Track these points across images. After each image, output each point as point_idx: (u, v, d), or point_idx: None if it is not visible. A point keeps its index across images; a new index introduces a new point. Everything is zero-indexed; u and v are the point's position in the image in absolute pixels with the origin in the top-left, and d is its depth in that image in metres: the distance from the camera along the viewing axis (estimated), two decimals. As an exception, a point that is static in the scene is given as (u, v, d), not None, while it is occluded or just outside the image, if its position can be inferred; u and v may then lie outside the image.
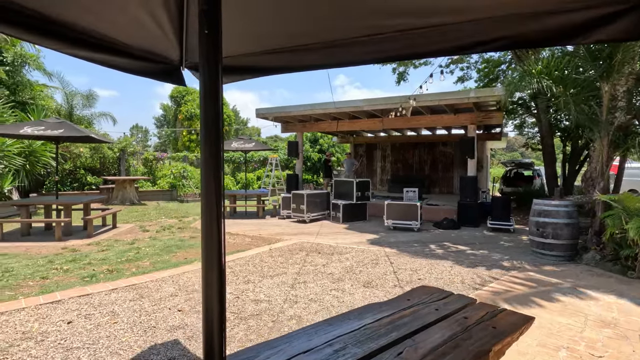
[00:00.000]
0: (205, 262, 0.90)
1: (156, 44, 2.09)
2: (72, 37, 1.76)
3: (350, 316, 1.57)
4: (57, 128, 6.80)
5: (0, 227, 6.58)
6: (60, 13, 1.65)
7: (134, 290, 3.88)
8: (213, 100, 0.89)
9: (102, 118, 16.08)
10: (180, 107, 20.53)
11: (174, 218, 9.46)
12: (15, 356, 2.55)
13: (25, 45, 12.14)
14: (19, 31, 1.58)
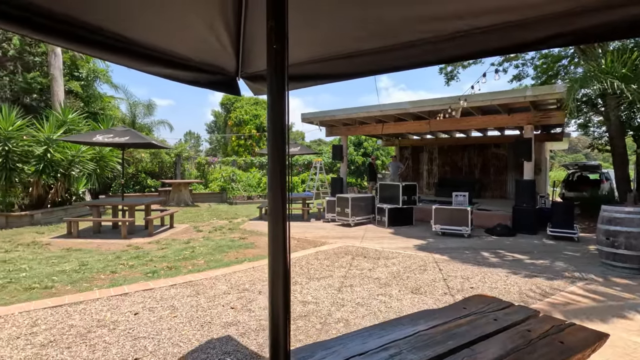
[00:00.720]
0: (271, 260, 0.95)
1: (216, 57, 2.24)
2: (145, 55, 1.94)
3: (403, 322, 1.55)
4: (123, 135, 7.48)
5: (77, 225, 7.35)
6: (139, 34, 1.82)
7: (190, 286, 4.13)
8: (280, 108, 0.94)
9: (160, 125, 17.38)
10: (230, 114, 21.51)
11: (224, 219, 9.92)
12: (93, 341, 2.83)
13: (97, 62, 13.49)
14: (96, 51, 1.77)
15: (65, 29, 1.55)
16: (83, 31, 1.63)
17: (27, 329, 3.04)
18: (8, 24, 1.51)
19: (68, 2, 1.48)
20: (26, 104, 11.19)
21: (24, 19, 1.43)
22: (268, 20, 0.91)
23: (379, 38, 1.47)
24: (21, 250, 5.94)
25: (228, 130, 22.47)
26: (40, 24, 1.49)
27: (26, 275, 4.52)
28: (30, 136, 8.78)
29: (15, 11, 1.38)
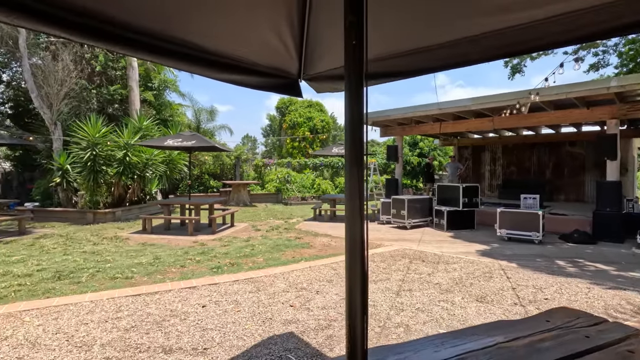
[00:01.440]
0: (349, 260, 0.94)
1: (280, 60, 2.30)
2: (217, 63, 2.05)
3: (477, 331, 1.45)
4: (190, 140, 8.05)
5: (150, 222, 8.06)
6: (212, 43, 1.94)
7: (252, 283, 4.30)
8: (358, 106, 0.93)
9: (221, 130, 18.45)
10: (285, 117, 22.15)
11: (280, 219, 10.22)
12: (167, 329, 3.07)
13: (167, 73, 14.73)
14: (174, 61, 1.90)
15: (147, 42, 1.70)
16: (163, 43, 1.77)
17: (113, 313, 3.39)
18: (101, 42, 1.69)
19: (149, 17, 1.62)
20: (109, 113, 12.57)
21: (115, 36, 1.59)
22: (346, 16, 0.90)
23: (455, 30, 1.39)
24: (106, 244, 6.66)
25: (283, 133, 23.14)
26: (128, 39, 1.64)
27: (111, 266, 5.06)
28: (113, 142, 9.83)
29: (108, 27, 1.55)
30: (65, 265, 5.04)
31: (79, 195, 9.89)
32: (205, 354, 2.67)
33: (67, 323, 3.18)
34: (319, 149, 20.63)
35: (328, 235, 7.62)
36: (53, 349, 2.73)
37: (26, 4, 1.13)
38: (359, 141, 0.90)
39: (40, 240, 6.89)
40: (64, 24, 1.41)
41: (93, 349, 2.73)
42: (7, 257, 5.57)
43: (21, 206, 10.48)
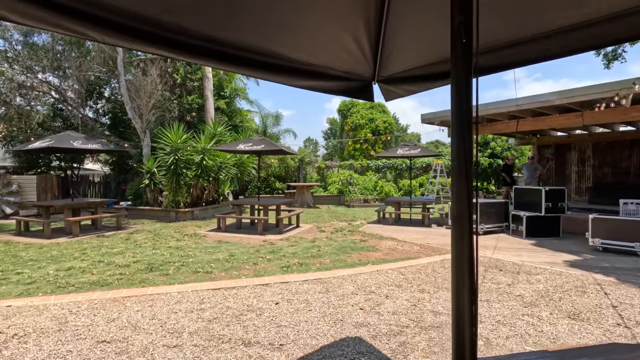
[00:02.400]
0: (455, 263, 0.91)
1: (354, 64, 2.31)
2: (293, 70, 2.13)
3: (586, 353, 1.29)
4: (260, 144, 8.48)
5: (224, 221, 8.66)
6: (289, 50, 2.02)
7: (320, 284, 4.38)
8: (466, 104, 0.90)
9: (286, 134, 19.13)
10: (347, 119, 22.22)
11: (343, 221, 10.26)
12: (245, 323, 3.26)
13: (237, 81, 15.73)
14: (254, 70, 2.01)
15: (233, 53, 1.82)
16: (258, 56, 1.88)
17: (197, 305, 3.71)
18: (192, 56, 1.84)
19: (233, 27, 1.74)
20: (188, 120, 13.80)
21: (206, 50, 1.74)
22: (455, 15, 0.88)
23: (568, 15, 1.27)
24: (187, 240, 7.30)
25: (344, 135, 23.23)
26: (214, 51, 1.78)
27: (192, 260, 5.53)
28: (191, 147, 10.76)
29: (195, 42, 1.69)
30: (155, 259, 5.64)
31: (164, 195, 11.00)
32: (281, 350, 2.78)
33: (160, 310, 3.55)
34: (382, 151, 20.31)
35: (393, 239, 7.45)
36: (150, 333, 3.06)
37: (157, 32, 1.31)
38: (468, 145, 0.87)
39: (134, 235, 7.80)
40: (182, 48, 1.59)
41: (183, 336, 3.01)
42: (110, 249, 6.40)
43: (117, 205, 11.99)
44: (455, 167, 0.89)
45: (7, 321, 3.29)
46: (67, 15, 1.30)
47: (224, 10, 1.60)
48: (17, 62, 12.28)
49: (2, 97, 12.17)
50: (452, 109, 0.89)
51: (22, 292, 4.07)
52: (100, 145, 8.30)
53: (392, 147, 21.16)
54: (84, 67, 12.64)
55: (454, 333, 0.91)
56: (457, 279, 0.90)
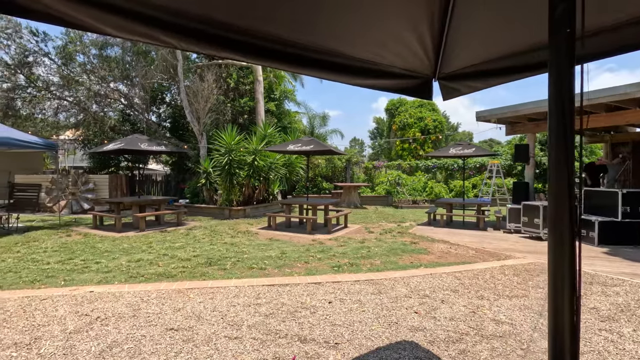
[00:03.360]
0: (553, 270, 0.86)
1: (415, 60, 2.26)
2: (354, 68, 2.13)
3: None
4: (309, 144, 8.61)
5: (274, 220, 8.91)
6: (350, 49, 2.02)
7: (372, 285, 4.34)
8: (568, 94, 0.84)
9: (333, 134, 19.22)
10: (394, 119, 21.79)
11: (392, 222, 10.07)
12: (299, 320, 3.33)
13: (286, 84, 16.11)
14: (315, 70, 2.03)
15: (298, 53, 1.87)
16: (310, 53, 1.92)
17: (254, 299, 3.86)
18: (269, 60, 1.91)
19: (298, 28, 1.78)
20: (240, 123, 14.42)
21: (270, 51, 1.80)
22: (553, 4, 0.82)
23: None
24: (240, 237, 7.63)
25: (392, 135, 22.80)
26: (292, 54, 1.83)
27: (247, 257, 5.77)
28: (244, 148, 11.22)
29: (261, 42, 1.75)
30: (213, 254, 5.96)
31: (218, 194, 11.60)
32: (336, 349, 2.80)
33: (220, 303, 3.74)
34: (432, 151, 19.64)
35: (446, 242, 7.17)
36: (212, 324, 3.25)
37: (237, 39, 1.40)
38: (569, 143, 0.81)
39: (193, 231, 8.31)
40: (247, 49, 1.66)
41: (242, 329, 3.15)
42: (172, 243, 6.89)
43: (177, 202, 12.86)
44: (553, 160, 0.83)
45: (91, 305, 3.67)
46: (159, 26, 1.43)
47: (289, 12, 1.65)
48: (93, 74, 13.67)
49: (81, 104, 13.62)
50: (550, 100, 0.83)
51: (101, 280, 4.52)
52: (163, 147, 8.96)
53: (442, 147, 20.38)
54: (149, 76, 13.72)
55: (551, 346, 0.85)
56: (554, 287, 0.84)
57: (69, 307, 3.60)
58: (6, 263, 5.33)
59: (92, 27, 1.35)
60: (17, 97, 12.75)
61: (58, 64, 13.30)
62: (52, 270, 4.93)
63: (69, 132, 15.37)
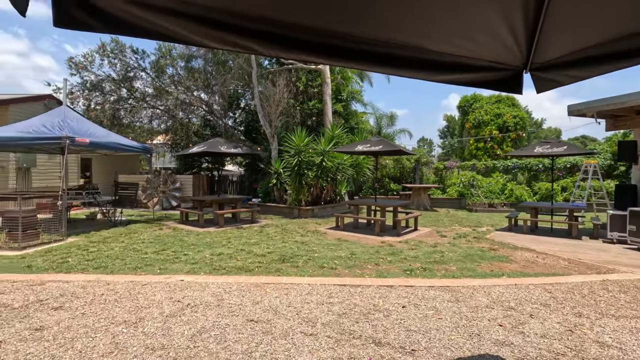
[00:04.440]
0: None
1: (503, 52, 2.08)
2: (436, 63, 2.04)
3: None
4: (378, 144, 8.50)
5: (342, 220, 8.97)
6: (434, 44, 1.94)
7: (448, 292, 4.12)
8: None
9: (401, 134, 18.72)
10: (468, 116, 20.45)
11: (466, 227, 9.45)
12: (373, 322, 3.30)
13: (353, 84, 16.12)
14: (394, 69, 1.99)
15: (366, 50, 1.84)
16: (383, 48, 1.88)
17: (326, 298, 3.92)
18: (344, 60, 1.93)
19: (374, 24, 1.75)
20: (308, 125, 14.82)
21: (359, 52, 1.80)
22: None
23: None
24: (310, 236, 7.82)
25: (465, 133, 21.43)
26: (363, 51, 1.83)
27: (317, 255, 5.89)
28: (312, 149, 11.50)
29: (337, 42, 1.77)
30: (285, 251, 6.21)
31: (288, 194, 12.05)
32: (413, 355, 2.71)
33: (294, 299, 3.88)
34: (511, 149, 18.03)
35: (531, 250, 6.50)
36: (288, 319, 3.38)
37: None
38: None
39: (265, 229, 8.75)
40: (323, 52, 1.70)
41: (317, 326, 3.22)
42: (248, 239, 7.33)
43: (250, 201, 13.67)
44: None
45: (182, 292, 4.08)
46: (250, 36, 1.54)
47: (364, 8, 1.63)
48: (180, 84, 15.19)
49: (170, 112, 15.24)
50: None
51: (189, 270, 5.00)
52: (239, 149, 9.60)
53: (525, 146, 18.58)
54: (227, 83, 14.82)
55: None
56: None
57: (164, 293, 4.04)
58: (114, 251, 6.19)
59: (189, 40, 1.51)
60: (120, 108, 14.76)
61: (152, 77, 15.07)
62: (150, 260, 5.59)
63: (160, 137, 17.31)
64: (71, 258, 5.64)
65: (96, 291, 4.11)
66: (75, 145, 7.65)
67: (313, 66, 14.38)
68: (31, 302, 3.78)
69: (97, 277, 4.64)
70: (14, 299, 3.85)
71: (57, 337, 2.98)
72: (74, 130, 7.80)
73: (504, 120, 19.21)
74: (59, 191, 7.92)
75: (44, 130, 7.62)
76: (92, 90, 14.39)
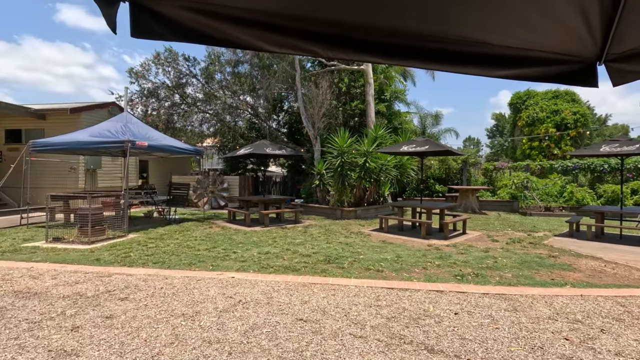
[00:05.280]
0: None
1: (573, 42, 1.93)
2: (497, 58, 1.93)
3: None
4: (424, 145, 8.26)
5: (387, 222, 8.82)
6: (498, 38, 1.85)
7: (505, 300, 3.89)
8: None
9: (446, 133, 18.03)
10: (520, 113, 19.22)
11: (520, 231, 8.87)
12: (424, 328, 3.20)
13: (397, 84, 15.82)
14: (456, 66, 1.91)
15: (426, 47, 1.79)
16: (456, 46, 1.82)
17: (374, 301, 3.87)
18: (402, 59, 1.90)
19: (426, 19, 1.70)
20: (351, 125, 14.78)
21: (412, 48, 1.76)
22: None
23: None
24: (354, 237, 7.78)
25: (517, 132, 20.17)
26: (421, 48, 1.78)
27: (363, 257, 5.84)
28: (355, 150, 11.44)
29: (401, 41, 1.73)
30: (330, 252, 6.23)
31: (330, 195, 12.09)
32: (469, 365, 2.59)
33: (342, 300, 3.88)
34: (571, 149, 16.68)
35: (597, 258, 5.95)
36: (337, 320, 3.38)
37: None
38: None
39: (309, 229, 8.85)
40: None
41: (366, 328, 3.19)
42: (292, 239, 7.46)
43: (293, 202, 13.90)
44: None
45: (234, 289, 4.24)
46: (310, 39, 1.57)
47: (434, 6, 1.59)
48: (227, 89, 15.86)
49: (219, 116, 15.95)
50: None
51: (239, 268, 5.19)
52: (284, 150, 9.80)
53: (587, 145, 17.13)
54: (271, 87, 15.22)
55: None
56: None
57: (217, 289, 4.23)
58: (170, 247, 6.59)
59: (254, 46, 1.56)
60: (174, 113, 15.72)
61: (202, 83, 15.88)
62: (202, 256, 5.88)
63: (209, 139, 18.19)
64: (133, 253, 6.09)
65: (156, 285, 4.40)
66: (135, 148, 8.26)
67: (356, 67, 14.32)
68: (101, 292, 4.13)
69: (156, 272, 4.97)
70: (87, 289, 4.23)
71: (124, 325, 3.23)
72: (135, 135, 8.44)
73: (562, 117, 17.82)
74: (121, 191, 8.60)
75: (109, 134, 8.33)
76: (148, 97, 15.48)
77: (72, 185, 12.48)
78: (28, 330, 3.13)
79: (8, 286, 4.34)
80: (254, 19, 1.50)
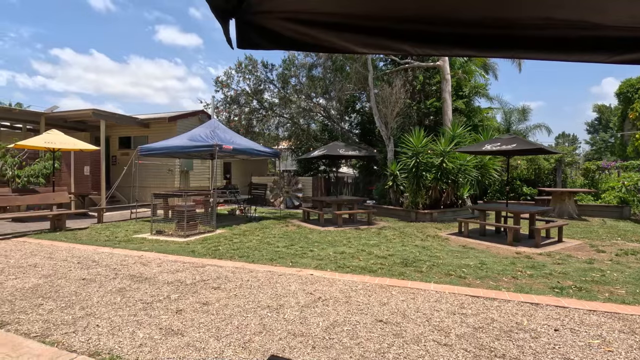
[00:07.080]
0: None
1: None
2: (611, 40, 1.70)
3: None
4: (510, 143, 7.56)
5: (467, 226, 8.28)
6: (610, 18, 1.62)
7: (618, 320, 3.37)
8: None
9: (535, 130, 16.25)
10: (633, 104, 16.43)
11: (634, 242, 7.58)
12: (517, 342, 2.93)
13: (478, 78, 14.74)
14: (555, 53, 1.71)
15: (527, 35, 1.63)
16: (561, 30, 1.64)
17: (457, 308, 3.67)
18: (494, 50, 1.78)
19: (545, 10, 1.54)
20: (426, 124, 14.21)
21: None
22: None
23: None
24: (430, 241, 7.46)
25: (627, 126, 17.29)
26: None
27: (442, 262, 5.57)
28: (431, 150, 10.96)
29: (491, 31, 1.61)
30: (406, 255, 6.07)
31: (404, 196, 11.76)
32: (577, 389, 2.31)
33: (422, 305, 3.75)
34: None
35: None
36: (418, 324, 3.28)
37: None
38: None
39: (383, 231, 8.73)
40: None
41: (450, 336, 3.04)
42: (367, 240, 7.44)
43: (365, 203, 13.83)
44: None
45: (313, 286, 4.39)
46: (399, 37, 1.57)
47: None
48: (301, 92, 16.44)
49: (293, 119, 16.64)
50: None
51: (317, 266, 5.34)
52: (357, 151, 9.82)
53: None
54: (344, 89, 15.38)
55: None
56: None
57: (297, 285, 4.42)
58: (252, 243, 7.07)
59: (344, 49, 1.61)
60: (253, 118, 16.85)
61: (278, 88, 16.74)
62: (282, 253, 6.19)
63: (284, 142, 19.08)
64: (221, 247, 6.68)
65: (243, 277, 4.76)
66: (222, 151, 9.05)
67: (431, 63, 13.72)
68: (197, 280, 4.61)
69: (242, 265, 5.38)
70: (185, 277, 4.77)
71: (218, 312, 3.56)
72: (221, 139, 9.26)
73: (690, 106, 14.77)
74: (208, 190, 9.50)
75: (200, 139, 9.27)
76: (231, 104, 16.82)
77: (170, 185, 14.15)
78: (142, 310, 3.63)
79: (125, 270, 5.10)
80: (345, 22, 1.55)
